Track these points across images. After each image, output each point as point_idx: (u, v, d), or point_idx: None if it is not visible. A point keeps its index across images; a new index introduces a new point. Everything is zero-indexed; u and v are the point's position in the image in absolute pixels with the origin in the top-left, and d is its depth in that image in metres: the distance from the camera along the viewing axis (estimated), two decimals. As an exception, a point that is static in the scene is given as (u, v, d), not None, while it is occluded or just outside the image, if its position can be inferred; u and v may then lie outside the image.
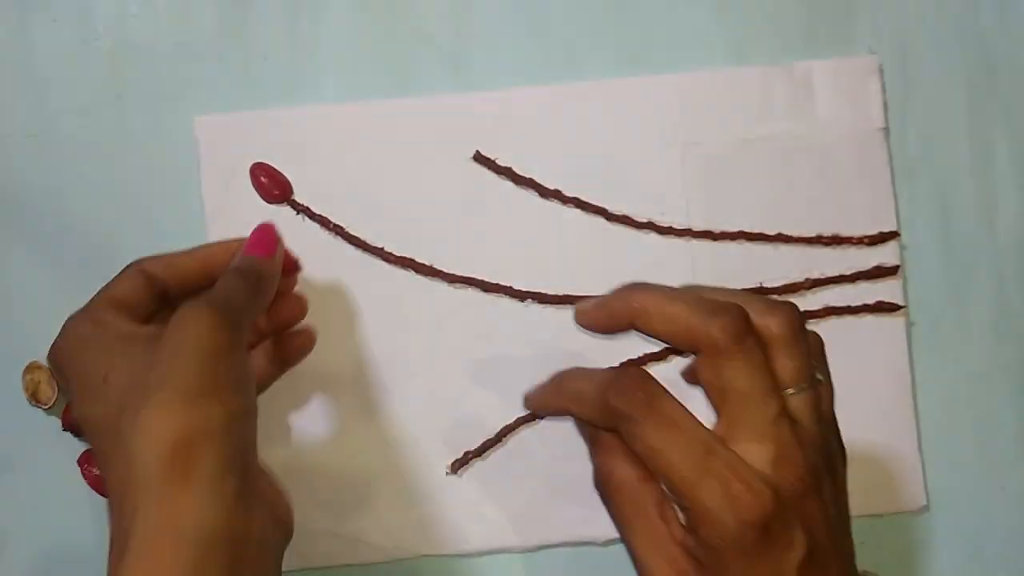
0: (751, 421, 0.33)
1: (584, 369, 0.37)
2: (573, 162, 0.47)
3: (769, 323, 0.34)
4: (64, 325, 0.38)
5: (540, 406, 0.39)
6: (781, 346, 0.34)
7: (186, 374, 0.34)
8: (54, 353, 0.38)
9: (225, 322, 0.35)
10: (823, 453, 0.35)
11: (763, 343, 0.34)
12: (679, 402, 0.34)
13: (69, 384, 0.37)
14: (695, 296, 0.35)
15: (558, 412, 0.38)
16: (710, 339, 0.34)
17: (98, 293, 0.39)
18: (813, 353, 0.35)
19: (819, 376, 0.35)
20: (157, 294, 0.40)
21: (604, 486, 0.37)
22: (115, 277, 0.40)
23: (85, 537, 0.46)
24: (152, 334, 0.37)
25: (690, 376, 0.36)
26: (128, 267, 0.40)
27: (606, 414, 0.34)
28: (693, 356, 0.35)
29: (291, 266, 0.43)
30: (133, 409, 0.33)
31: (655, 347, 0.46)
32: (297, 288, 0.44)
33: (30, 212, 0.47)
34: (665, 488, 0.34)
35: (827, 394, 0.36)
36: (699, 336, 0.34)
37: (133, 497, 0.32)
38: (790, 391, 0.34)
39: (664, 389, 0.34)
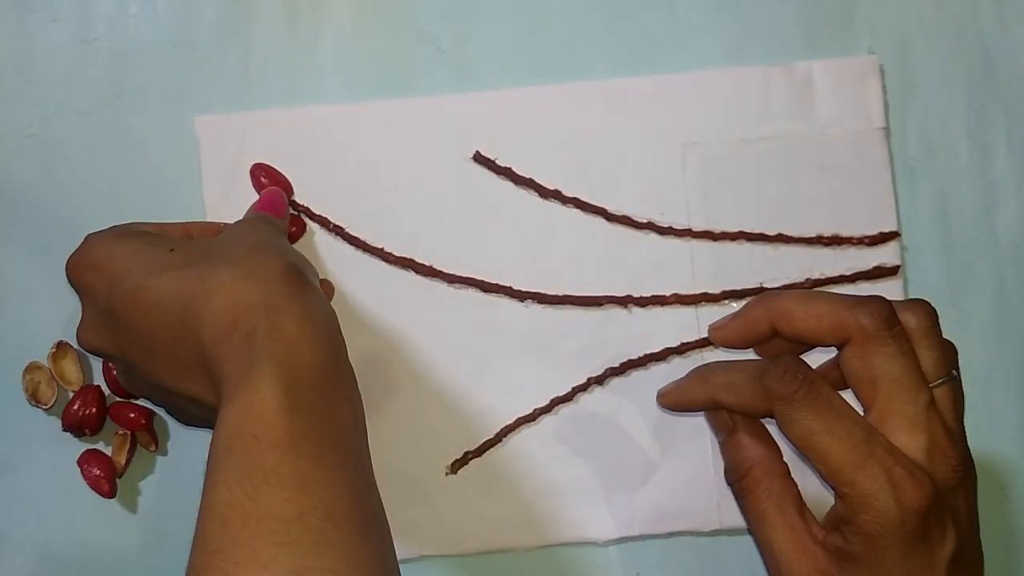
0: (904, 410, 0.34)
1: (727, 361, 0.38)
2: (573, 162, 0.47)
3: (907, 318, 0.35)
4: (87, 239, 0.40)
5: (681, 400, 0.39)
6: (922, 338, 0.35)
7: (266, 237, 0.39)
8: (85, 252, 0.40)
9: (275, 220, 0.42)
10: (965, 447, 0.35)
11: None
12: (835, 391, 0.35)
13: (108, 269, 0.38)
14: (831, 294, 0.36)
15: (702, 404, 0.38)
16: (860, 327, 0.34)
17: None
18: (951, 359, 0.36)
19: (955, 373, 0.36)
20: None
21: (742, 480, 0.37)
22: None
23: (85, 537, 0.46)
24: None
25: (828, 376, 0.37)
26: (123, 224, 0.42)
27: (762, 399, 0.35)
28: (838, 350, 0.35)
29: (298, 231, 0.46)
30: (224, 261, 0.36)
31: (655, 348, 0.47)
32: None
33: (30, 212, 0.47)
34: (821, 473, 0.34)
35: (960, 395, 0.36)
36: (848, 325, 0.35)
37: (246, 323, 0.34)
38: (933, 383, 0.35)
39: (821, 377, 0.35)
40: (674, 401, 0.39)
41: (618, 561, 0.47)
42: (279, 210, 0.44)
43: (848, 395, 0.36)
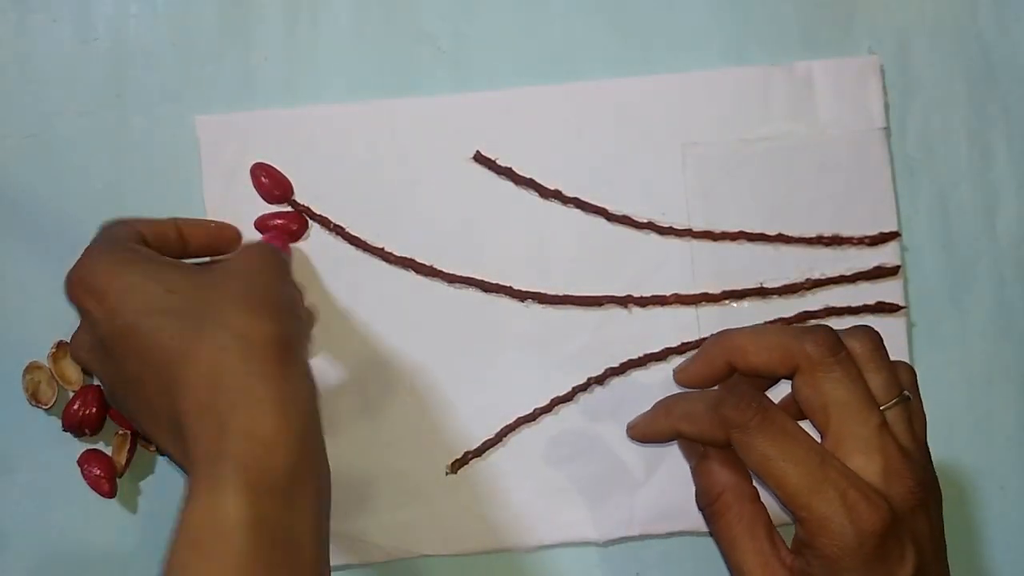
0: (857, 433, 0.34)
1: (689, 391, 0.38)
2: (573, 162, 0.47)
3: (852, 344, 0.36)
4: (87, 252, 0.39)
5: (648, 431, 0.40)
6: (868, 361, 0.36)
7: (264, 284, 0.38)
8: (86, 273, 0.38)
9: (279, 256, 0.40)
10: (925, 469, 0.35)
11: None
12: (790, 416, 0.35)
13: (105, 299, 0.37)
14: (781, 326, 0.37)
15: (667, 436, 0.39)
16: (806, 355, 0.35)
17: (101, 234, 0.41)
18: (905, 382, 0.37)
19: (907, 393, 0.36)
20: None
21: (712, 505, 0.38)
22: (112, 226, 0.41)
23: (85, 537, 0.46)
24: (190, 264, 0.40)
25: (789, 408, 0.37)
26: (121, 223, 0.42)
27: (719, 428, 0.35)
28: (791, 381, 0.36)
29: (299, 230, 0.46)
30: (216, 316, 0.36)
31: (655, 348, 0.47)
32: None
33: (30, 212, 0.47)
34: (779, 498, 0.35)
35: (919, 415, 0.37)
36: (796, 355, 0.35)
37: (222, 403, 0.34)
38: (884, 406, 0.35)
39: (774, 403, 0.36)
40: (642, 434, 0.40)
41: (618, 561, 0.47)
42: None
43: (809, 426, 0.36)
